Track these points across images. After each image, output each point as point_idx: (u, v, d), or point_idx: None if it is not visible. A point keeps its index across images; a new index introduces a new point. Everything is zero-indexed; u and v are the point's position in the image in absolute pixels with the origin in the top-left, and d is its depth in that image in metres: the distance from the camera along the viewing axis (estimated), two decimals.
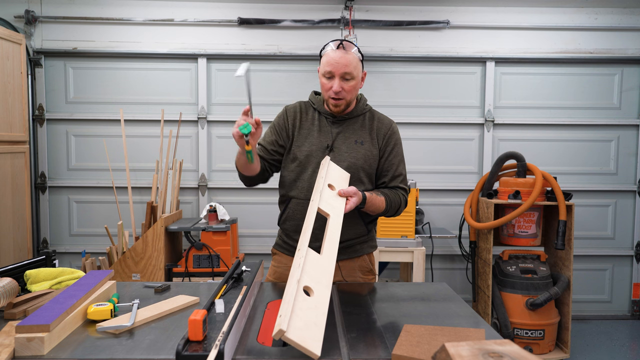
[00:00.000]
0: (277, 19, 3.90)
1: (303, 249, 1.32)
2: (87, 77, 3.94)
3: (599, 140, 4.09)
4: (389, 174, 1.89)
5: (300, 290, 1.16)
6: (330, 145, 1.85)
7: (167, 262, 3.44)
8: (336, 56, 1.77)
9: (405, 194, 1.91)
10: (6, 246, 3.25)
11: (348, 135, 1.87)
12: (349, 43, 1.81)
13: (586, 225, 4.08)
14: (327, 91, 1.80)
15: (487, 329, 1.34)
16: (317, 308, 1.17)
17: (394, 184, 1.89)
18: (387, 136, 1.90)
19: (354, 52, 1.80)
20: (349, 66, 1.76)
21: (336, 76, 1.77)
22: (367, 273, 1.97)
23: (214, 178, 4.02)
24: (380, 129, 1.90)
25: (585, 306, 4.13)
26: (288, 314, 1.06)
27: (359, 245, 1.93)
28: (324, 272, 1.32)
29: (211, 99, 3.98)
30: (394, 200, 1.85)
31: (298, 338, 1.04)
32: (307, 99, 1.98)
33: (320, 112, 1.91)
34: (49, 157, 3.95)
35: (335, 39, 1.84)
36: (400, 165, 1.92)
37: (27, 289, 1.62)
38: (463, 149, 4.07)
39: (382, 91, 4.00)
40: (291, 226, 1.91)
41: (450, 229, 3.90)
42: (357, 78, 1.81)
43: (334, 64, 1.76)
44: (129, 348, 1.18)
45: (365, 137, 1.88)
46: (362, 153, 1.86)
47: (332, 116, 1.88)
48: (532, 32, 4.00)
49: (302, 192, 1.85)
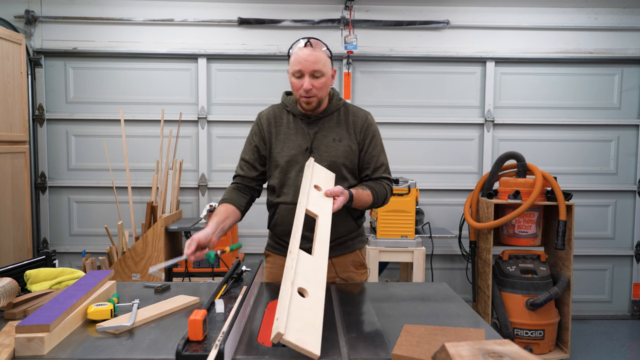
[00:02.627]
0: (277, 19, 3.90)
1: (294, 251, 1.32)
2: (87, 77, 3.94)
3: (599, 140, 4.09)
4: (371, 166, 1.90)
5: (294, 292, 1.16)
6: (310, 147, 1.86)
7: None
8: (304, 54, 1.76)
9: (390, 183, 1.93)
10: (6, 246, 3.25)
11: (325, 134, 1.87)
12: (317, 41, 1.80)
13: (586, 225, 4.08)
14: (298, 90, 1.80)
15: (487, 329, 1.34)
16: (313, 308, 1.17)
17: (377, 175, 1.90)
18: (364, 129, 1.90)
19: (322, 49, 1.80)
20: (317, 63, 1.76)
21: (306, 74, 1.76)
22: (359, 267, 1.99)
23: (214, 178, 4.02)
24: (357, 122, 1.91)
25: (585, 306, 4.13)
26: (284, 316, 1.06)
27: (350, 241, 1.96)
28: (317, 273, 1.32)
29: (211, 99, 3.98)
30: (380, 191, 1.87)
31: (297, 340, 1.04)
32: (280, 101, 1.98)
33: (294, 114, 1.91)
34: (49, 157, 3.95)
35: (303, 37, 1.83)
36: (381, 156, 1.93)
37: (27, 289, 1.62)
38: (463, 149, 4.07)
39: (382, 91, 4.00)
40: (281, 230, 1.92)
41: (450, 229, 3.90)
42: (327, 75, 1.80)
43: (302, 62, 1.75)
44: (129, 348, 1.18)
45: (342, 134, 1.88)
46: (342, 150, 1.86)
47: (307, 117, 1.88)
48: (532, 32, 4.00)
49: (289, 197, 1.86)
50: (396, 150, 4.01)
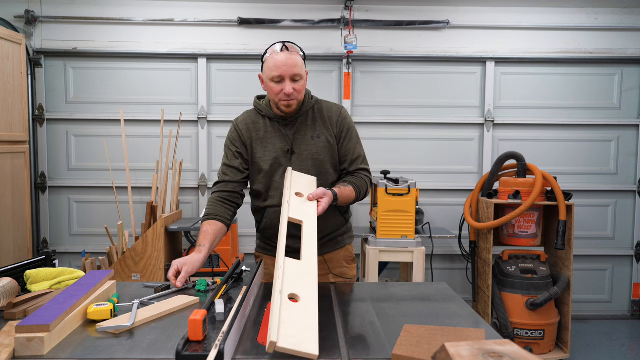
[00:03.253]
0: (277, 19, 3.90)
1: (280, 261, 1.31)
2: (87, 77, 3.94)
3: (599, 140, 4.09)
4: (348, 159, 1.93)
5: (284, 299, 1.16)
6: (291, 148, 1.87)
7: (167, 262, 3.44)
8: (282, 59, 1.77)
9: (368, 174, 1.95)
10: (6, 246, 3.25)
11: (304, 133, 1.89)
12: (292, 44, 1.82)
13: (586, 225, 4.08)
14: (278, 94, 1.80)
15: (487, 329, 1.34)
16: (307, 310, 1.16)
17: (355, 167, 1.93)
18: (339, 122, 1.93)
19: (298, 53, 1.82)
20: (296, 67, 1.78)
21: (286, 78, 1.77)
22: (351, 262, 2.05)
23: (214, 178, 4.01)
24: (332, 117, 1.93)
25: (585, 306, 4.13)
26: (276, 325, 1.05)
27: (340, 237, 2.01)
28: (307, 276, 1.31)
29: (211, 99, 3.98)
30: (361, 185, 1.89)
31: (292, 344, 1.03)
32: (253, 107, 1.98)
33: (269, 118, 1.91)
34: (49, 157, 3.95)
35: (277, 42, 1.84)
36: (357, 147, 1.95)
37: (27, 289, 1.62)
38: (463, 149, 4.07)
39: (382, 91, 4.00)
40: (270, 233, 1.94)
41: (450, 229, 3.90)
42: (304, 77, 1.83)
43: (281, 67, 1.76)
44: (129, 348, 1.18)
45: (320, 130, 1.90)
46: (322, 146, 1.88)
47: (283, 119, 1.89)
48: (532, 32, 4.00)
49: (276, 200, 1.88)
50: (396, 150, 4.01)
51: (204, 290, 1.68)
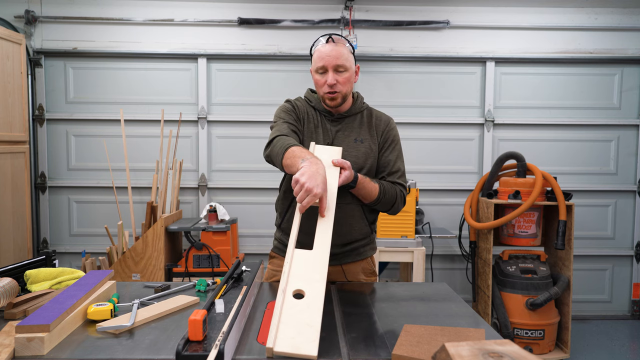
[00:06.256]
0: (277, 19, 3.90)
1: (289, 253, 1.30)
2: (87, 77, 3.94)
3: (599, 140, 4.09)
4: (387, 169, 1.86)
5: (287, 298, 1.15)
6: (330, 144, 1.83)
7: (167, 262, 3.44)
8: (327, 50, 1.75)
9: (403, 189, 1.87)
10: (6, 246, 3.25)
11: (347, 133, 1.85)
12: (339, 37, 1.79)
13: (586, 225, 4.08)
14: (322, 87, 1.78)
15: (487, 329, 1.34)
16: (310, 307, 1.16)
17: (392, 179, 1.86)
18: (386, 132, 1.88)
19: (344, 45, 1.79)
20: (340, 58, 1.74)
21: (329, 69, 1.75)
22: (370, 275, 1.95)
23: (214, 178, 4.02)
24: (379, 125, 1.88)
25: (585, 306, 4.13)
26: (274, 328, 1.05)
27: (362, 248, 1.91)
28: (316, 267, 1.29)
29: (211, 99, 3.98)
30: (389, 191, 1.81)
31: (290, 347, 1.03)
32: (303, 97, 1.94)
33: (319, 111, 1.88)
34: (49, 157, 3.95)
35: (324, 34, 1.82)
36: (398, 161, 1.88)
37: (27, 289, 1.62)
38: (463, 149, 4.07)
39: (382, 91, 4.00)
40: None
41: (450, 229, 3.90)
42: (350, 70, 1.78)
43: (325, 58, 1.74)
44: (129, 348, 1.18)
45: (364, 135, 1.86)
46: (363, 151, 1.83)
47: (330, 114, 1.86)
48: (532, 32, 4.00)
49: None
50: None
51: (204, 290, 1.68)
